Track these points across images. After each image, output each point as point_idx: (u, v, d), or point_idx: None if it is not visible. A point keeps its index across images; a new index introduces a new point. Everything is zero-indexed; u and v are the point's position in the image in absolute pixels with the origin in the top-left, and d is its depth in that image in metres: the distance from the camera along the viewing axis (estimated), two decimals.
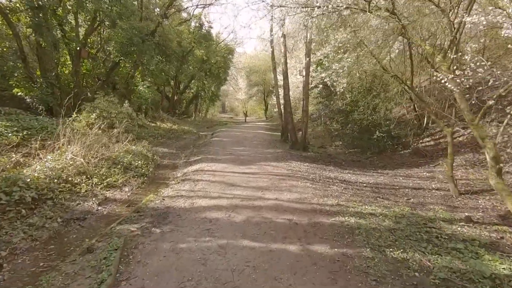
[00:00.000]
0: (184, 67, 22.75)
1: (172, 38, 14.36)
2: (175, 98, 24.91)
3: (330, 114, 13.62)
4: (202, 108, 34.87)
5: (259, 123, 29.35)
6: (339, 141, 13.05)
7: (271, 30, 13.40)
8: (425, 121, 11.54)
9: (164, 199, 5.05)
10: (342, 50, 8.57)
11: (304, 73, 11.05)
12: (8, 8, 12.20)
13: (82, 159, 6.15)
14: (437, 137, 11.07)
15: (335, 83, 8.31)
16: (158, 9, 13.41)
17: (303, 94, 11.30)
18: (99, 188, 5.79)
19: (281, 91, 15.42)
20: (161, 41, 13.81)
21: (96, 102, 12.42)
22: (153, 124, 19.29)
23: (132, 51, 13.16)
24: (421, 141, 11.19)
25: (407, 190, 6.66)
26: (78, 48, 14.42)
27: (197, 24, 22.47)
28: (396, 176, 8.09)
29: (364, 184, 6.96)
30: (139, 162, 7.92)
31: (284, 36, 11.22)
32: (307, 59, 10.24)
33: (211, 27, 22.78)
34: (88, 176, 6.00)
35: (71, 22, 14.04)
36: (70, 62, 15.06)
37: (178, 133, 17.20)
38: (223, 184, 6.05)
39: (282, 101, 15.02)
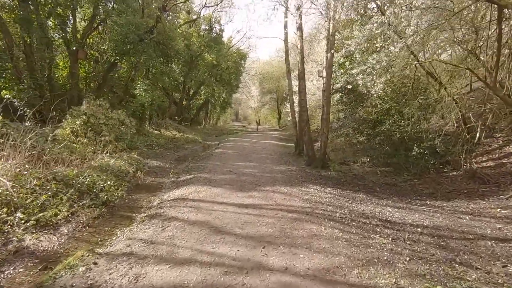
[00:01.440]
0: (193, 72, 21.19)
1: (173, 36, 12.64)
2: (183, 104, 23.32)
3: (353, 124, 11.28)
4: (213, 115, 33.22)
5: (271, 133, 27.19)
6: (365, 156, 10.63)
7: (285, 27, 11.39)
8: (477, 134, 8.99)
9: (95, 264, 2.95)
10: (378, 40, 6.33)
11: (324, 74, 8.87)
12: None
13: (8, 182, 4.21)
14: (498, 155, 8.51)
15: (369, 83, 6.07)
16: (155, 4, 11.73)
17: (322, 100, 9.11)
18: (21, 228, 3.80)
19: (295, 98, 13.30)
20: (161, 40, 12.09)
21: (83, 107, 10.72)
22: (156, 131, 17.65)
23: (128, 50, 11.53)
24: (474, 160, 8.65)
25: (489, 243, 4.25)
26: (74, 49, 13.01)
27: (206, 27, 20.92)
28: (457, 213, 5.64)
29: (419, 230, 4.60)
30: (108, 182, 5.95)
31: (300, 28, 9.13)
32: (329, 54, 8.11)
33: (222, 30, 21.19)
34: (11, 209, 4.04)
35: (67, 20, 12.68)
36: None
37: (180, 142, 15.34)
38: (205, 229, 3.90)
39: (297, 109, 12.86)
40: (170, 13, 15.18)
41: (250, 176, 7.37)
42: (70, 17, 12.81)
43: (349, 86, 8.62)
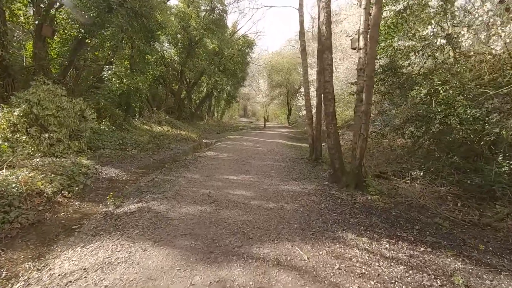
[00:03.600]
0: (193, 60, 18.09)
1: (155, 5, 9.47)
2: (182, 96, 20.28)
3: (394, 120, 7.87)
4: (218, 110, 30.11)
5: (280, 130, 23.85)
6: (412, 167, 7.22)
7: None
8: None
9: None
10: None
11: (361, 43, 5.53)
12: None
13: None
14: None
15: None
16: None
17: (358, 84, 5.78)
18: None
19: (311, 87, 9.95)
20: (138, 8, 8.95)
21: (27, 92, 7.73)
22: (146, 126, 14.71)
23: (93, 23, 8.50)
24: None
25: None
26: (37, 23, 10.10)
27: (207, 7, 17.67)
28: None
29: None
30: None
31: None
32: (374, 7, 4.78)
33: (226, 11, 17.90)
34: None
35: None
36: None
37: (167, 140, 12.29)
38: None
39: (313, 100, 9.61)
40: None
41: (239, 209, 4.17)
42: None
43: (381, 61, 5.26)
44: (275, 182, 5.87)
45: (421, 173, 6.60)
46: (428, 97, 6.37)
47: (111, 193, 4.63)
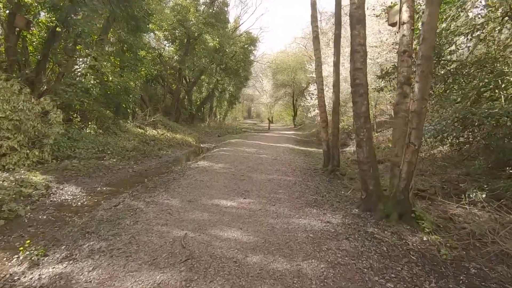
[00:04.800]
0: (193, 59, 16.46)
1: None
2: (181, 97, 18.67)
3: (443, 123, 6.03)
4: (220, 111, 28.44)
5: (286, 132, 22.06)
6: (460, 182, 5.39)
7: None
8: None
9: None
10: None
11: (405, 15, 3.77)
12: None
13: None
14: None
15: None
16: None
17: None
18: None
19: (325, 77, 8.15)
20: None
21: None
22: (140, 130, 13.12)
23: (64, 6, 6.91)
24: None
25: None
26: (8, 13, 8.62)
27: (206, 0, 16.02)
28: None
29: None
30: None
31: None
32: None
33: (227, 4, 16.23)
34: None
35: None
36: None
37: (158, 146, 10.65)
38: None
39: (328, 97, 7.94)
40: None
41: (226, 280, 2.42)
42: None
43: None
44: (284, 211, 4.10)
45: (483, 195, 4.73)
46: (496, 91, 4.55)
47: (28, 241, 2.93)
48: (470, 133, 5.57)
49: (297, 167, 7.61)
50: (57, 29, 7.81)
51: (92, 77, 7.61)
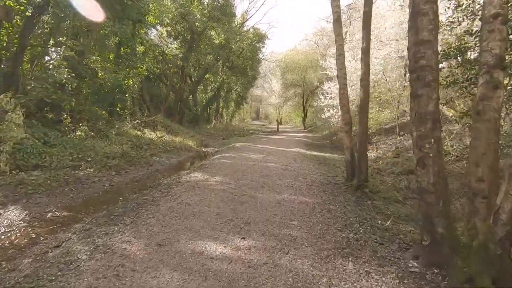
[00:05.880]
0: (199, 56, 15.14)
1: None
2: (184, 96, 17.37)
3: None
4: (228, 112, 27.05)
5: (296, 135, 20.43)
6: None
7: None
8: None
9: None
10: None
11: None
12: None
13: None
14: None
15: None
16: None
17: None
18: None
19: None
20: None
21: None
22: (138, 132, 11.89)
23: None
24: None
25: None
26: None
27: None
28: None
29: None
30: None
31: None
32: None
33: None
34: None
35: None
36: None
37: (154, 150, 9.31)
38: None
39: (359, 91, 6.38)
40: None
41: None
42: None
43: None
44: (304, 267, 2.57)
45: None
46: None
47: None
48: None
49: (313, 180, 6.05)
50: (27, 13, 6.54)
51: (66, 70, 6.29)
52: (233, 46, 16.16)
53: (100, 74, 9.09)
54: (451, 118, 9.74)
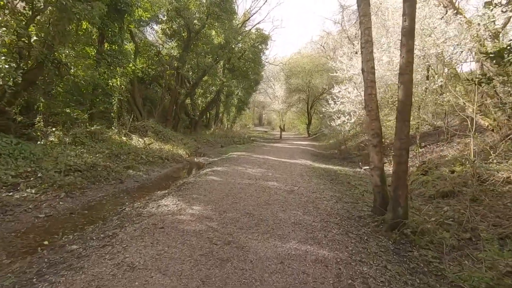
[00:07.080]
0: (196, 57, 13.68)
1: None
2: (180, 100, 15.85)
3: None
4: (228, 117, 25.51)
5: (300, 143, 18.73)
6: None
7: None
8: None
9: None
10: None
11: None
12: None
13: None
14: None
15: None
16: None
17: None
18: None
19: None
20: None
21: None
22: (123, 138, 10.34)
23: None
24: None
25: None
26: None
27: None
28: None
29: None
30: None
31: None
32: None
33: None
34: None
35: None
36: None
37: (131, 161, 7.72)
38: None
39: (401, 89, 4.65)
40: None
41: None
42: None
43: None
44: None
45: None
46: None
47: None
48: None
49: (329, 212, 4.35)
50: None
51: (4, 58, 4.77)
52: (233, 47, 14.69)
53: (72, 71, 7.62)
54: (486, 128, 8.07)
